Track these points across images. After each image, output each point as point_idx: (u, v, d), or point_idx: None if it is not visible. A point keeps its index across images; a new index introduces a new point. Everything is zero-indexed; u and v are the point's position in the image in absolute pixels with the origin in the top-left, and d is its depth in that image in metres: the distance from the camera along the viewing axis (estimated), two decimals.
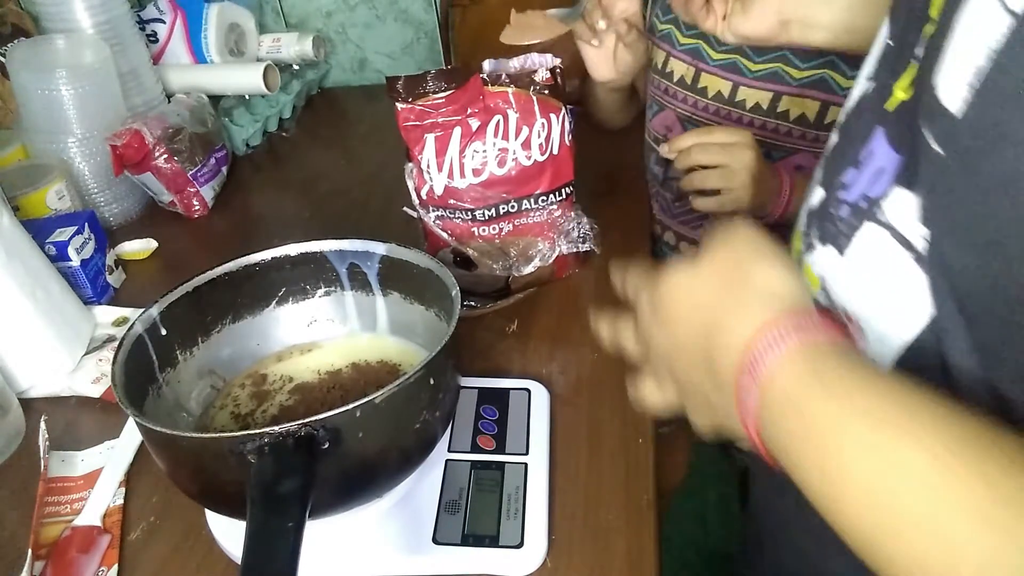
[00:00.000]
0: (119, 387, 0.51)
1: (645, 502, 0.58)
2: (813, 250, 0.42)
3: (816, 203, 0.43)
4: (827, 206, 0.42)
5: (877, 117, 0.38)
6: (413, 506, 0.57)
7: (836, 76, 0.76)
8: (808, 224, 0.44)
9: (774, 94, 0.79)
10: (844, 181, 0.40)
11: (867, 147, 0.38)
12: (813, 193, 0.45)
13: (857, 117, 0.42)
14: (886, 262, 0.36)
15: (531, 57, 0.75)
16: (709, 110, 0.84)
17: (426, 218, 0.77)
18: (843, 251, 0.39)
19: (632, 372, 0.49)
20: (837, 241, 0.40)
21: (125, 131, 0.93)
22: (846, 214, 0.39)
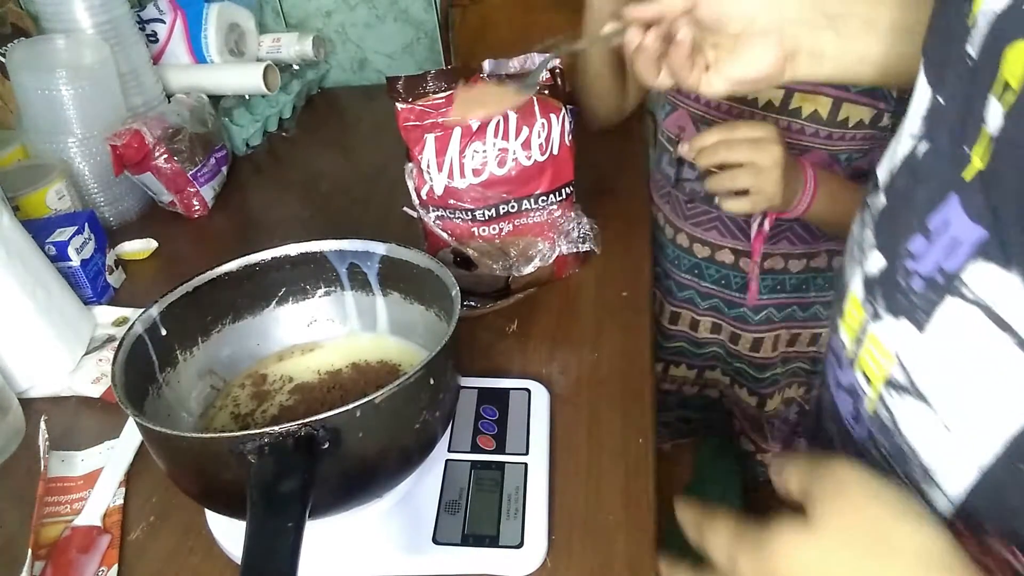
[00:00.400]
0: (119, 387, 0.51)
1: (645, 502, 0.58)
2: (880, 320, 0.40)
3: (876, 271, 0.41)
4: (893, 275, 0.39)
5: (950, 184, 0.36)
6: (413, 506, 0.57)
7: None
8: (869, 291, 0.42)
9: (786, 91, 0.79)
10: (911, 250, 0.38)
11: (937, 215, 0.36)
12: (868, 257, 0.42)
13: (914, 179, 0.39)
14: (978, 344, 0.34)
15: (531, 57, 0.75)
16: (722, 108, 0.83)
17: (426, 218, 0.77)
18: (922, 327, 0.37)
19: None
20: (913, 316, 0.37)
21: (125, 131, 0.93)
22: (920, 287, 0.37)
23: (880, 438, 0.42)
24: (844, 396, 0.45)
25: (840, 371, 0.45)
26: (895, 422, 0.40)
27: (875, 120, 0.77)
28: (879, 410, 0.41)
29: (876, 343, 0.41)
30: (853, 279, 0.44)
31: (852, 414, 0.44)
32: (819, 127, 0.79)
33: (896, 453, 0.41)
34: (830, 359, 0.48)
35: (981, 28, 0.34)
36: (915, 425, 0.39)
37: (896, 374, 0.39)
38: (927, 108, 0.40)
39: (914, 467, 0.40)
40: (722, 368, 1.04)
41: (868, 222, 0.44)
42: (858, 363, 0.43)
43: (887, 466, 0.42)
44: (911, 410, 0.39)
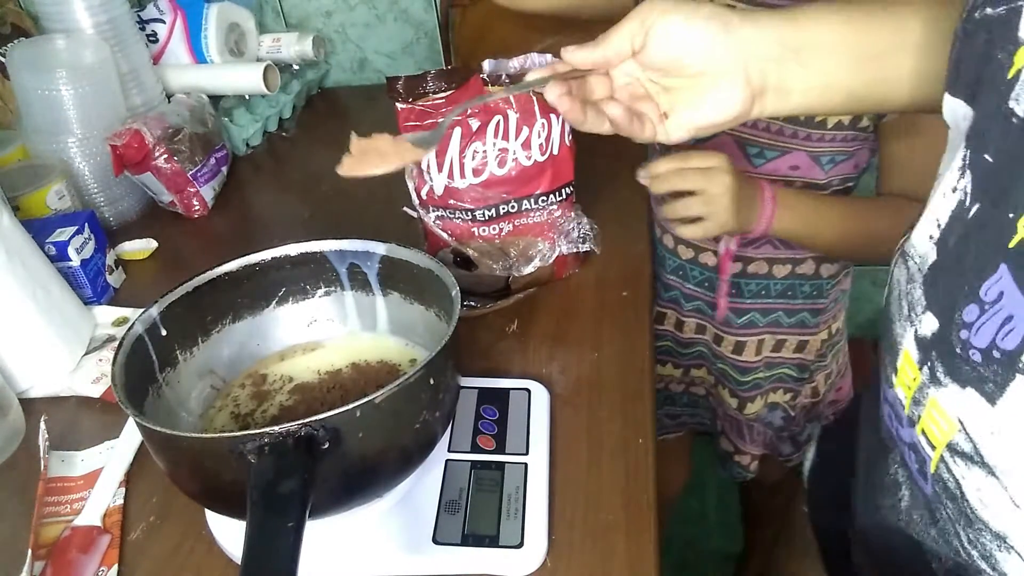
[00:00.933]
0: (119, 387, 0.51)
1: (645, 502, 0.58)
2: (943, 387, 0.39)
3: (930, 333, 0.40)
4: (949, 342, 0.38)
5: (999, 253, 0.34)
6: (413, 506, 0.57)
7: None
8: (924, 353, 0.40)
9: None
10: (966, 319, 0.37)
11: (990, 284, 0.35)
12: (920, 318, 0.41)
13: (961, 239, 0.38)
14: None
15: (531, 57, 0.75)
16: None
17: (426, 218, 0.77)
18: (994, 402, 0.35)
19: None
20: (982, 388, 0.36)
21: (125, 131, 0.93)
22: (981, 360, 0.36)
23: (946, 500, 0.41)
24: (909, 451, 0.44)
25: (901, 427, 0.44)
26: (960, 489, 0.39)
27: (854, 121, 0.77)
28: (942, 473, 0.40)
29: (938, 408, 0.39)
30: (905, 337, 0.42)
31: (919, 471, 0.43)
32: (797, 128, 0.79)
33: (961, 519, 0.40)
34: (886, 409, 0.47)
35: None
36: (983, 495, 0.38)
37: (960, 441, 0.38)
38: (963, 160, 0.38)
39: (984, 534, 0.39)
40: (707, 367, 1.04)
41: (915, 276, 0.42)
42: (920, 424, 0.41)
43: (952, 529, 0.41)
44: (977, 480, 0.38)
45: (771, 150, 0.81)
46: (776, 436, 1.04)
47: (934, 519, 0.43)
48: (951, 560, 0.43)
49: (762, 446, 1.06)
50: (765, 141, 0.81)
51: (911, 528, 0.46)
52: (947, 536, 0.42)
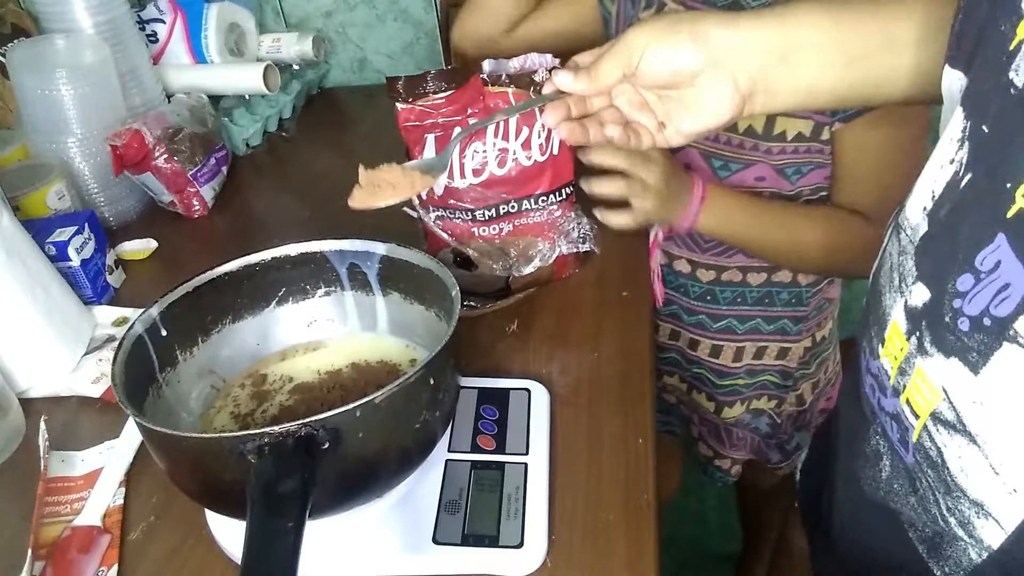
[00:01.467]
0: (119, 387, 0.51)
1: (645, 502, 0.58)
2: (929, 356, 0.39)
3: (920, 304, 0.40)
4: (939, 312, 0.38)
5: (996, 223, 0.35)
6: (413, 506, 0.57)
7: None
8: (913, 323, 0.41)
9: None
10: (960, 289, 0.37)
11: (985, 254, 0.35)
12: (911, 289, 0.41)
13: (954, 210, 0.38)
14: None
15: (531, 57, 0.75)
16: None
17: (426, 218, 0.77)
18: (977, 371, 0.36)
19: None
20: (966, 357, 0.37)
21: (125, 131, 0.93)
22: (968, 328, 0.36)
23: (927, 469, 0.41)
24: (890, 422, 0.44)
25: (884, 398, 0.45)
26: (942, 457, 0.39)
27: (816, 132, 0.77)
28: (924, 442, 0.40)
29: (923, 377, 0.40)
30: (894, 308, 0.43)
31: (900, 440, 0.43)
32: (757, 141, 0.78)
33: (941, 487, 0.40)
34: (868, 381, 0.47)
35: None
36: (963, 463, 0.38)
37: (943, 410, 0.39)
38: (963, 132, 0.38)
39: (962, 502, 0.39)
40: (680, 375, 1.04)
41: (908, 249, 0.43)
42: (904, 394, 0.42)
43: (932, 497, 0.41)
44: (959, 448, 0.38)
45: (735, 163, 0.81)
46: (763, 442, 1.04)
47: (914, 488, 0.43)
48: (928, 528, 0.43)
49: (748, 451, 1.06)
50: (728, 154, 0.80)
51: (890, 498, 0.46)
52: (926, 504, 0.42)
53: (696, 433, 1.08)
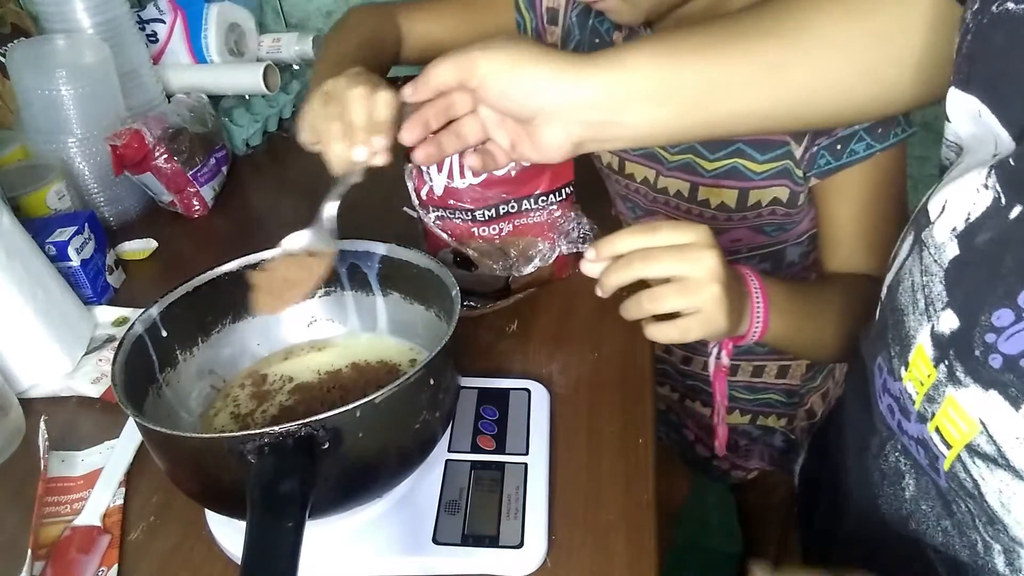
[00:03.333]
0: (119, 387, 0.51)
1: (645, 502, 0.58)
2: (963, 387, 0.38)
3: (948, 331, 0.39)
4: (970, 343, 0.37)
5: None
6: (413, 506, 0.57)
7: (747, 163, 0.72)
8: (940, 351, 0.39)
9: (692, 184, 0.76)
10: (996, 323, 0.35)
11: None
12: (940, 315, 0.39)
13: (996, 241, 0.37)
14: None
15: None
16: (640, 192, 0.82)
17: (426, 219, 0.77)
18: (1019, 407, 0.35)
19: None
20: (1006, 392, 0.35)
21: (125, 131, 0.93)
22: (1000, 366, 0.35)
23: (964, 497, 0.40)
24: (916, 446, 0.43)
25: (907, 422, 0.43)
26: (979, 489, 0.39)
27: (793, 199, 0.73)
28: (959, 472, 0.40)
29: (956, 408, 0.39)
30: (920, 331, 0.41)
31: (930, 466, 0.42)
32: (731, 214, 0.76)
33: (981, 515, 0.40)
34: (887, 401, 0.46)
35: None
36: (1004, 497, 0.37)
37: (981, 443, 0.37)
38: (993, 157, 0.37)
39: (1002, 535, 0.38)
40: (672, 384, 1.03)
41: (932, 269, 0.41)
42: (933, 422, 0.41)
43: (972, 523, 0.41)
44: (1000, 482, 0.37)
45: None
46: (783, 456, 1.03)
47: (949, 512, 0.42)
48: (959, 552, 0.42)
49: (760, 462, 1.05)
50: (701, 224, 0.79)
51: (914, 518, 0.45)
52: (964, 530, 0.41)
53: (692, 437, 1.08)
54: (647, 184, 0.80)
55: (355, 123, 0.55)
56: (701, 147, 0.74)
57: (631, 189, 0.83)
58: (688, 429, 1.07)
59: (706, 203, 0.77)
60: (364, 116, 0.55)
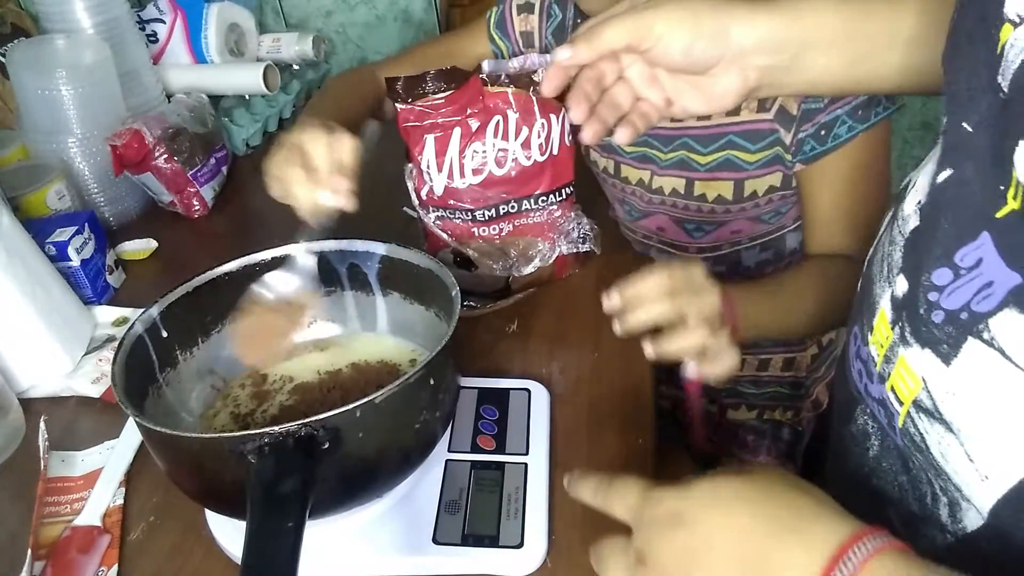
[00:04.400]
0: (119, 387, 0.51)
1: None
2: (910, 346, 0.40)
3: (900, 294, 0.41)
4: (915, 304, 0.39)
5: (982, 221, 0.35)
6: (413, 506, 0.57)
7: (740, 155, 0.73)
8: (896, 314, 0.42)
9: (687, 180, 0.77)
10: (936, 282, 0.37)
11: (968, 251, 0.36)
12: (896, 280, 0.42)
13: (934, 205, 0.39)
14: (1001, 387, 0.34)
15: (530, 57, 0.75)
16: (636, 194, 0.82)
17: (426, 219, 0.77)
18: (948, 363, 0.37)
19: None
20: (939, 349, 0.37)
21: (125, 131, 0.93)
22: (941, 320, 0.37)
23: (915, 452, 0.42)
24: (877, 407, 0.45)
25: (871, 383, 0.45)
26: (925, 443, 0.40)
27: (787, 182, 0.75)
28: (909, 427, 0.41)
29: (905, 367, 0.41)
30: (882, 297, 0.44)
31: (888, 425, 0.44)
32: (728, 206, 0.77)
33: (930, 468, 0.41)
34: (857, 366, 0.48)
35: (1011, 60, 0.33)
36: (943, 448, 0.39)
37: (923, 399, 0.39)
38: (955, 134, 0.39)
39: (949, 484, 0.40)
40: (676, 382, 1.03)
41: (898, 240, 0.43)
42: (889, 381, 0.43)
43: (924, 477, 0.42)
44: (939, 435, 0.39)
45: (708, 224, 0.80)
46: (788, 449, 1.03)
47: (906, 468, 0.44)
48: (911, 506, 0.44)
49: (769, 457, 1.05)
50: (700, 219, 0.79)
51: (876, 475, 0.47)
52: (918, 484, 0.43)
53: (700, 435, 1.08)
54: (642, 186, 0.81)
55: (318, 168, 0.58)
56: (693, 142, 0.74)
57: (627, 192, 0.84)
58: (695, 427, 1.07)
59: (703, 197, 0.78)
60: (327, 161, 0.58)
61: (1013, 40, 0.33)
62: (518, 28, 0.83)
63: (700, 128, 0.73)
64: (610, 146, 0.79)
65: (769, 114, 0.70)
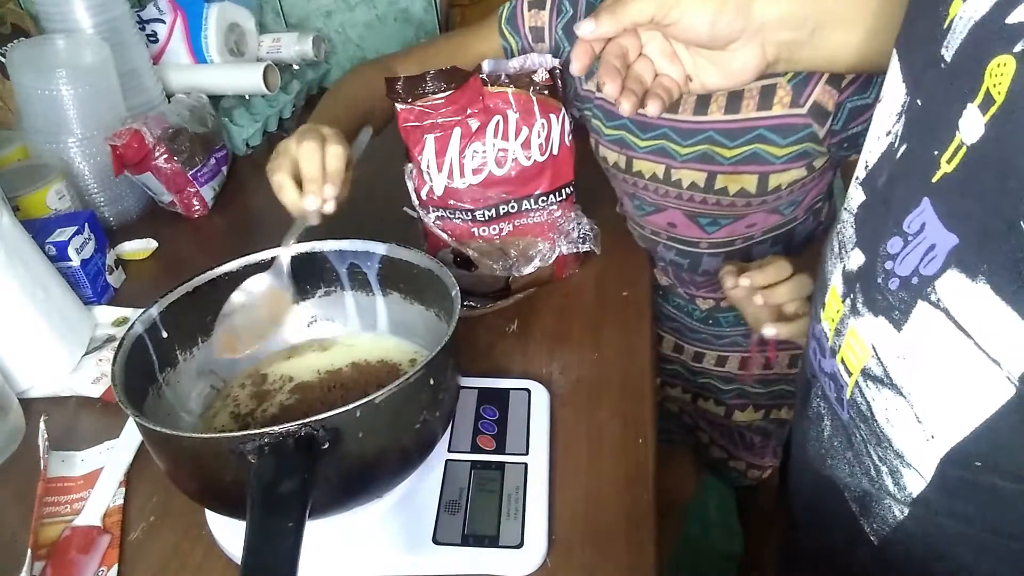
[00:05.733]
0: (119, 387, 0.51)
1: (645, 502, 0.58)
2: (860, 316, 0.41)
3: (856, 267, 0.42)
4: (872, 274, 0.40)
5: (922, 187, 0.37)
6: (413, 506, 0.57)
7: (768, 148, 0.72)
8: (848, 286, 0.43)
9: (708, 173, 0.76)
10: (890, 251, 0.39)
11: (912, 217, 0.37)
12: (849, 254, 0.43)
13: (889, 179, 0.40)
14: (946, 347, 0.35)
15: (530, 57, 0.75)
16: (649, 188, 0.81)
17: (426, 219, 0.77)
18: (900, 328, 0.38)
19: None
20: (891, 315, 0.39)
21: (125, 131, 0.93)
22: (896, 287, 0.38)
23: (859, 423, 0.43)
24: (829, 382, 0.46)
25: (824, 359, 0.47)
26: (871, 410, 0.42)
27: (809, 174, 0.75)
28: (856, 397, 0.43)
29: (855, 336, 0.42)
30: (833, 273, 0.45)
31: (836, 399, 0.46)
32: (750, 199, 0.76)
33: (872, 438, 0.42)
34: (812, 345, 0.49)
35: (958, 33, 0.35)
36: (889, 414, 0.40)
37: (872, 366, 0.41)
38: (902, 107, 0.40)
39: (888, 451, 0.41)
40: (683, 386, 1.03)
41: (845, 217, 0.45)
42: (840, 353, 0.44)
43: (865, 450, 0.43)
44: (886, 400, 0.40)
45: (725, 218, 0.79)
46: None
47: (850, 443, 0.45)
48: (861, 485, 0.45)
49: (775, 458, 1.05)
50: (717, 212, 0.79)
51: (830, 455, 0.48)
52: (860, 457, 0.44)
53: (706, 439, 1.08)
54: (655, 180, 0.80)
55: (305, 175, 0.63)
56: (719, 136, 0.74)
57: (639, 187, 0.83)
58: (702, 431, 1.07)
59: (724, 191, 0.77)
60: (314, 169, 0.62)
61: (961, 13, 0.34)
62: (528, 23, 0.83)
63: (727, 122, 0.72)
64: (622, 141, 0.79)
65: (803, 109, 0.69)
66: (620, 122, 0.77)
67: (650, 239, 0.87)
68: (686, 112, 0.72)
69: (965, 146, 0.33)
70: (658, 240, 0.86)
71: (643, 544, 0.55)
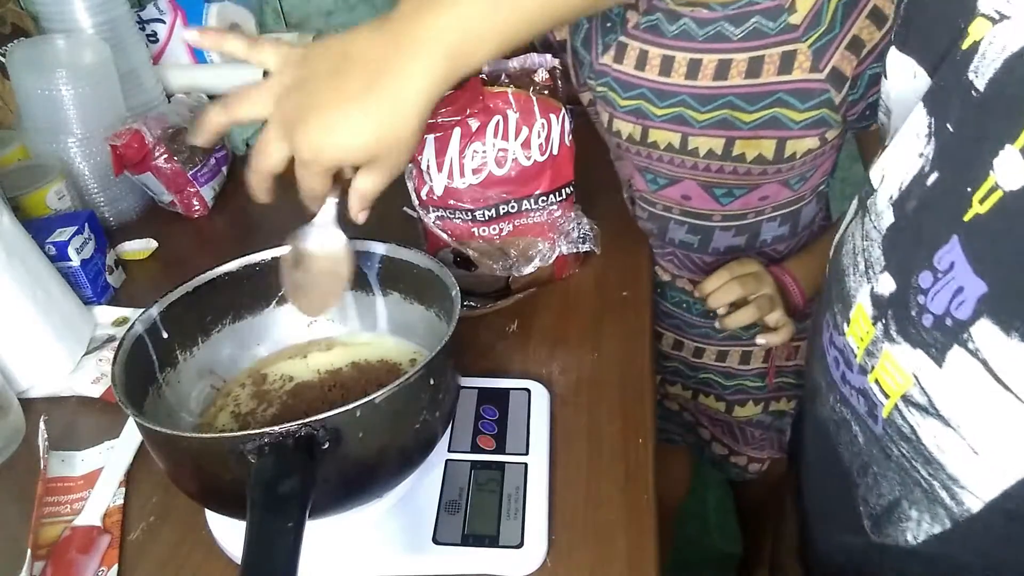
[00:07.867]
0: (119, 387, 0.51)
1: (645, 502, 0.58)
2: (896, 344, 0.40)
3: (886, 292, 0.41)
4: (905, 304, 0.39)
5: (952, 223, 0.35)
6: (413, 506, 0.57)
7: (788, 112, 0.72)
8: (879, 311, 0.42)
9: (727, 139, 0.76)
10: (922, 285, 0.38)
11: (942, 253, 0.36)
12: (878, 277, 0.42)
13: (920, 206, 0.39)
14: (987, 393, 0.34)
15: (531, 57, 0.75)
16: (664, 159, 0.81)
17: (426, 218, 0.77)
18: (940, 364, 0.37)
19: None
20: (929, 352, 0.37)
21: (125, 131, 0.93)
22: (931, 325, 0.37)
23: (899, 440, 0.42)
24: (856, 396, 0.45)
25: (850, 372, 0.45)
26: (916, 435, 0.40)
27: (822, 144, 0.75)
28: (896, 419, 0.41)
29: (892, 362, 0.41)
30: (860, 291, 0.44)
31: (868, 413, 0.44)
32: (767, 167, 0.77)
33: (918, 458, 0.41)
34: (832, 353, 0.48)
35: (990, 61, 0.33)
36: (939, 441, 0.39)
37: (915, 394, 0.39)
38: (930, 129, 0.39)
39: (939, 473, 0.40)
40: (683, 383, 1.03)
41: (873, 236, 0.43)
42: (872, 374, 0.43)
43: (910, 465, 0.42)
44: (933, 428, 0.39)
45: (739, 188, 0.80)
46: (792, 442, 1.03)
47: (887, 455, 0.44)
48: (883, 500, 0.44)
49: (775, 450, 1.05)
50: (733, 182, 0.79)
51: (847, 459, 0.47)
52: (905, 469, 0.43)
53: (708, 435, 1.08)
54: (672, 150, 0.79)
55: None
56: (738, 100, 0.74)
57: (653, 158, 0.82)
58: (703, 427, 1.08)
59: (741, 158, 0.77)
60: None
61: (991, 38, 0.33)
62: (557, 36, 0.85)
63: (748, 86, 0.72)
64: (639, 111, 0.79)
65: (822, 74, 0.70)
66: (638, 91, 0.78)
67: (661, 216, 0.87)
68: (706, 78, 0.73)
69: (1001, 190, 0.32)
70: (670, 216, 0.86)
71: (643, 544, 0.55)
